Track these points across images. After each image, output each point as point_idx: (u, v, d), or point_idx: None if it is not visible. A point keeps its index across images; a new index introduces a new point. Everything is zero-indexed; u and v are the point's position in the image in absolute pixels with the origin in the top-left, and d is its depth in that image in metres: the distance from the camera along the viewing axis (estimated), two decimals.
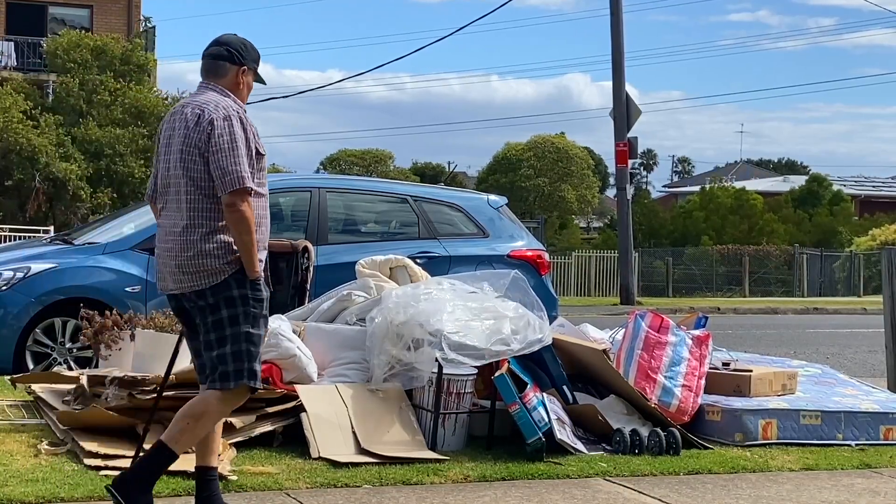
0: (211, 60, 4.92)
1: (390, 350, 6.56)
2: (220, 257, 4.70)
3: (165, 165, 4.85)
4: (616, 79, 25.18)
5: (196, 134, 4.71)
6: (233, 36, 5.01)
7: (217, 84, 4.89)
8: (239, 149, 4.69)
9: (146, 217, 9.70)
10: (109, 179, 30.13)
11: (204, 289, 4.70)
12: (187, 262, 4.71)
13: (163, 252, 4.83)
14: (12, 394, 7.25)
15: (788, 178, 65.48)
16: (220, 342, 4.72)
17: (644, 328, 7.24)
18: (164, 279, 4.87)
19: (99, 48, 31.66)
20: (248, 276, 4.72)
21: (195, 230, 4.71)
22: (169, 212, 4.83)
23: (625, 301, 24.96)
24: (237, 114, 4.78)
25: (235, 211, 4.64)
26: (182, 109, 4.84)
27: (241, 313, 4.72)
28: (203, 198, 4.72)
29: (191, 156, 4.72)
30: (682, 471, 6.34)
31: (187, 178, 4.73)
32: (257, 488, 5.48)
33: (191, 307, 4.79)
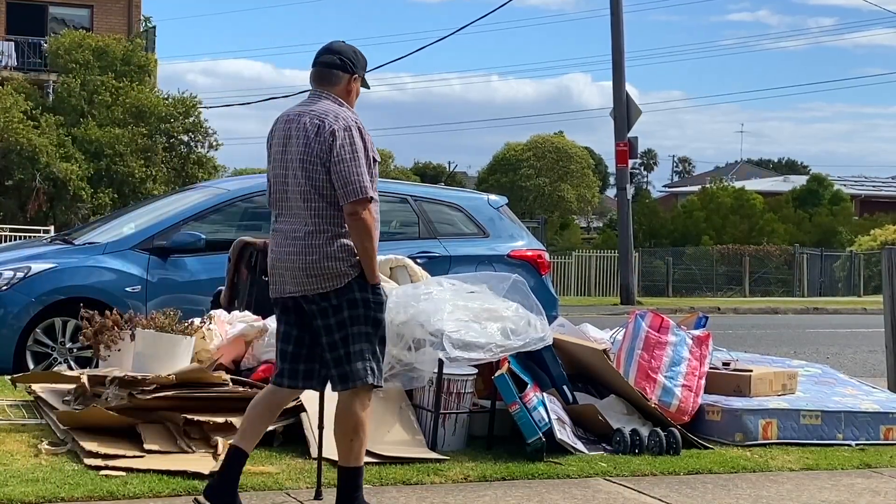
0: (324, 69, 5.04)
1: (390, 350, 6.55)
2: (344, 261, 4.86)
3: (282, 172, 4.96)
4: (616, 79, 25.18)
5: (317, 144, 4.84)
6: (343, 44, 5.12)
7: (329, 92, 5.01)
8: (360, 159, 4.83)
9: (146, 217, 9.72)
10: (110, 179, 30.14)
11: (328, 291, 4.84)
12: (312, 265, 4.84)
13: (283, 256, 4.93)
14: (12, 393, 7.25)
15: (789, 177, 65.51)
16: (343, 342, 4.88)
17: (644, 328, 7.24)
18: (281, 282, 4.96)
19: (100, 48, 31.67)
20: (369, 281, 4.89)
21: (319, 235, 4.85)
22: (288, 217, 4.94)
23: (625, 301, 24.96)
24: (356, 124, 4.91)
25: (357, 219, 4.82)
26: (299, 118, 4.93)
27: (363, 315, 4.88)
28: (326, 205, 4.86)
29: (312, 165, 4.84)
30: (683, 471, 6.34)
31: (310, 186, 4.85)
32: (257, 488, 5.48)
33: (312, 309, 4.90)
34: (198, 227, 9.30)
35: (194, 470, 5.54)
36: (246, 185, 10.29)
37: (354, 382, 4.88)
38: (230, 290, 8.37)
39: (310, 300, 4.88)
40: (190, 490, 5.35)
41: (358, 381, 4.88)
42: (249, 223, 9.82)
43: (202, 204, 9.60)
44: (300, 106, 5.03)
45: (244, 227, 9.66)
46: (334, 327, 4.87)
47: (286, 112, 5.05)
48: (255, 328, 6.93)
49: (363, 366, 4.88)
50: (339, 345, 4.87)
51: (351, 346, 4.87)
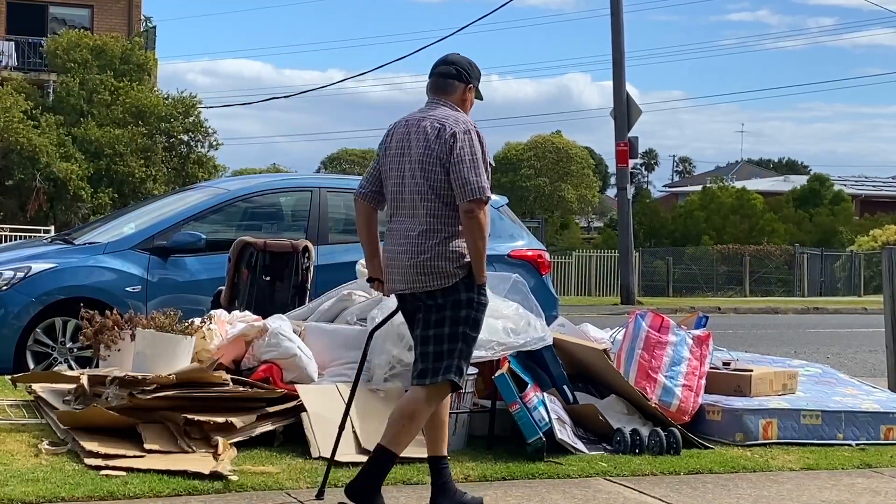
0: (441, 79, 5.27)
1: (391, 350, 6.56)
2: (454, 261, 5.04)
3: (399, 174, 5.16)
4: (616, 78, 25.17)
5: (437, 146, 5.04)
6: (458, 55, 5.35)
7: (447, 101, 5.23)
8: (478, 160, 5.04)
9: (146, 217, 9.71)
10: (110, 179, 30.15)
11: (435, 290, 5.01)
12: (423, 263, 5.03)
13: (396, 254, 5.14)
14: (13, 393, 7.25)
15: (789, 177, 65.50)
16: (437, 339, 5.02)
17: (644, 328, 7.24)
18: (393, 280, 5.17)
19: (99, 48, 31.67)
20: (476, 281, 5.07)
21: (433, 235, 5.05)
22: (403, 217, 5.16)
23: (625, 301, 24.95)
24: (474, 128, 5.12)
25: (473, 218, 5.01)
26: (419, 122, 5.15)
27: (465, 316, 5.05)
28: (442, 205, 5.05)
29: (432, 166, 5.04)
30: (683, 470, 6.34)
31: (428, 186, 5.05)
32: (258, 488, 5.48)
33: (418, 305, 5.09)
34: (198, 227, 9.30)
35: (195, 470, 5.54)
36: (246, 185, 10.30)
37: (434, 378, 5.02)
38: (230, 290, 8.37)
39: (416, 296, 5.07)
40: (190, 490, 5.35)
41: (438, 378, 5.02)
42: (249, 223, 9.83)
43: (202, 204, 9.60)
44: (419, 112, 5.25)
45: (244, 227, 9.67)
46: (433, 323, 5.04)
47: (404, 117, 5.27)
48: (255, 328, 6.93)
49: (450, 364, 5.03)
50: (432, 340, 5.03)
51: (444, 345, 5.02)
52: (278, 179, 12.56)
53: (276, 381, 6.59)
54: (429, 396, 5.07)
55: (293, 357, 6.71)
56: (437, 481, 5.22)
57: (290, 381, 6.65)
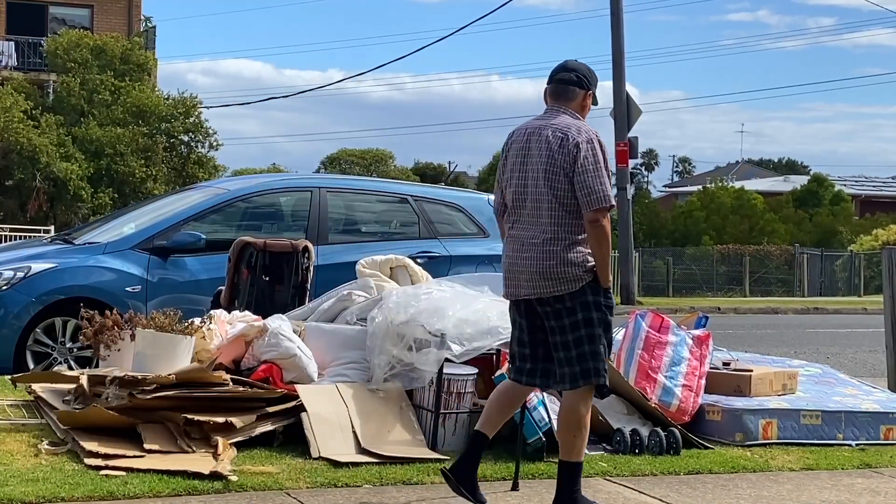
0: (562, 85, 5.34)
1: (391, 350, 6.56)
2: (580, 266, 5.13)
3: (521, 182, 5.25)
4: (616, 79, 25.17)
5: (561, 156, 5.12)
6: (577, 62, 5.44)
7: (567, 107, 5.30)
8: (601, 169, 5.12)
9: (146, 217, 9.71)
10: (110, 179, 30.15)
11: (563, 294, 5.12)
12: (549, 269, 5.13)
13: (519, 261, 5.24)
14: (12, 393, 7.24)
15: (789, 177, 65.48)
16: (576, 343, 5.15)
17: (644, 328, 7.24)
18: (516, 286, 5.27)
19: (99, 48, 31.67)
20: (601, 285, 5.15)
21: (558, 242, 5.13)
22: (525, 225, 5.24)
23: (625, 301, 24.94)
24: (596, 137, 5.21)
25: (598, 226, 5.09)
26: (540, 131, 5.23)
27: (595, 318, 5.16)
28: (566, 213, 5.14)
29: (556, 175, 5.13)
30: (683, 471, 6.34)
31: (552, 195, 5.14)
32: (258, 488, 5.48)
33: (546, 311, 5.19)
34: (198, 227, 9.30)
35: (195, 470, 5.54)
36: (246, 185, 10.30)
37: (583, 382, 5.16)
38: (230, 290, 8.37)
39: (544, 302, 5.18)
40: (190, 490, 5.35)
41: (586, 380, 5.16)
42: (249, 223, 9.84)
43: (202, 204, 9.60)
44: (539, 120, 5.32)
45: (244, 227, 9.67)
46: (567, 328, 5.15)
47: (524, 126, 5.35)
48: (255, 328, 6.93)
49: (592, 366, 5.15)
50: (572, 345, 5.15)
51: (583, 347, 5.15)
52: (278, 179, 12.55)
53: (275, 381, 6.59)
54: (583, 399, 5.21)
55: (293, 357, 6.71)
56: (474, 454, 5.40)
57: (290, 381, 6.65)
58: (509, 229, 5.34)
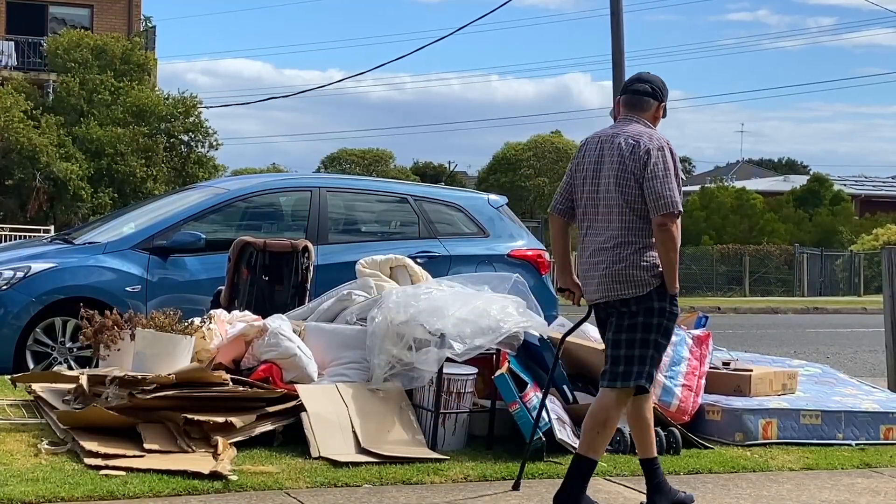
0: (637, 96, 5.49)
1: (391, 350, 6.56)
2: (648, 270, 5.24)
3: (593, 188, 5.38)
4: (616, 79, 25.13)
5: (632, 162, 5.25)
6: (651, 74, 5.60)
7: (640, 117, 5.44)
8: (671, 176, 5.23)
9: (146, 216, 9.71)
10: (110, 179, 30.15)
11: (629, 298, 5.24)
12: (618, 273, 5.25)
13: (591, 265, 5.38)
14: (12, 393, 7.25)
15: (789, 177, 65.48)
16: (629, 344, 5.25)
17: None
18: (588, 290, 5.43)
19: (99, 48, 31.67)
20: (668, 291, 5.25)
21: (628, 246, 5.25)
22: (596, 229, 5.38)
23: None
24: (668, 144, 5.32)
25: (666, 231, 5.19)
26: (612, 139, 5.35)
27: (656, 324, 5.25)
28: (636, 218, 5.26)
29: (626, 181, 5.25)
30: (683, 470, 6.34)
31: (623, 200, 5.26)
32: (257, 488, 5.48)
33: (610, 312, 5.33)
34: (198, 227, 9.30)
35: (194, 470, 5.54)
36: (246, 185, 10.30)
37: (625, 382, 5.24)
38: (230, 289, 8.37)
39: (612, 305, 5.31)
40: (190, 490, 5.35)
41: (628, 382, 5.24)
42: (249, 223, 9.84)
43: (202, 204, 9.60)
44: (612, 129, 5.46)
45: (244, 227, 9.67)
46: (625, 328, 5.26)
47: (597, 133, 5.48)
48: (255, 328, 6.93)
49: (640, 370, 5.24)
50: (623, 345, 5.25)
51: (636, 350, 5.24)
52: (278, 179, 12.55)
53: (275, 380, 6.59)
54: (618, 400, 5.28)
55: (293, 357, 6.72)
56: (652, 481, 5.45)
57: (290, 380, 6.65)
58: (582, 235, 5.47)
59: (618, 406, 5.29)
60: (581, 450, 5.30)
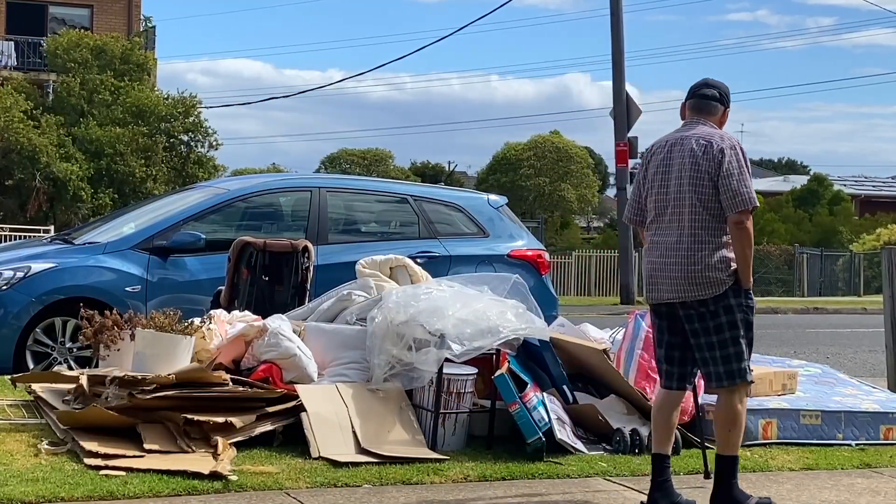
0: (705, 101, 5.61)
1: (391, 350, 6.56)
2: (723, 270, 5.34)
3: (663, 190, 5.48)
4: (616, 78, 25.18)
5: (706, 161, 5.37)
6: (716, 80, 5.71)
7: (707, 120, 5.56)
8: (745, 173, 5.37)
9: (146, 217, 9.71)
10: (110, 179, 30.15)
11: (706, 298, 5.34)
12: (695, 273, 5.34)
13: (662, 265, 5.45)
14: (12, 393, 7.25)
15: (789, 177, 65.46)
16: (721, 344, 5.39)
17: (644, 328, 7.23)
18: (658, 290, 5.50)
19: (99, 48, 31.67)
20: (742, 286, 5.36)
21: (703, 246, 5.35)
22: (667, 230, 5.45)
23: (625, 301, 24.95)
24: (738, 144, 5.46)
25: (742, 228, 5.31)
26: (682, 142, 5.46)
27: (739, 319, 5.39)
28: (710, 218, 5.36)
29: (701, 181, 5.36)
30: (683, 470, 6.33)
31: (697, 200, 5.36)
32: (257, 488, 5.48)
33: (690, 314, 5.42)
34: (198, 227, 9.30)
35: (194, 470, 5.54)
36: (246, 185, 10.30)
37: (735, 380, 5.41)
38: (230, 289, 8.37)
39: (688, 306, 5.40)
40: (190, 490, 5.35)
41: (739, 379, 5.41)
42: (249, 223, 9.84)
43: (202, 204, 9.60)
44: (679, 132, 5.57)
45: (244, 227, 9.67)
46: (712, 330, 5.38)
47: (664, 137, 5.61)
48: (255, 328, 6.93)
49: (737, 367, 5.40)
50: (716, 346, 5.39)
51: (727, 349, 5.39)
52: (278, 179, 12.56)
53: (275, 381, 6.59)
54: (737, 395, 5.45)
55: (293, 357, 6.72)
56: (657, 479, 5.53)
57: (290, 381, 6.65)
58: (651, 236, 5.55)
59: (739, 400, 5.46)
60: (720, 451, 5.50)
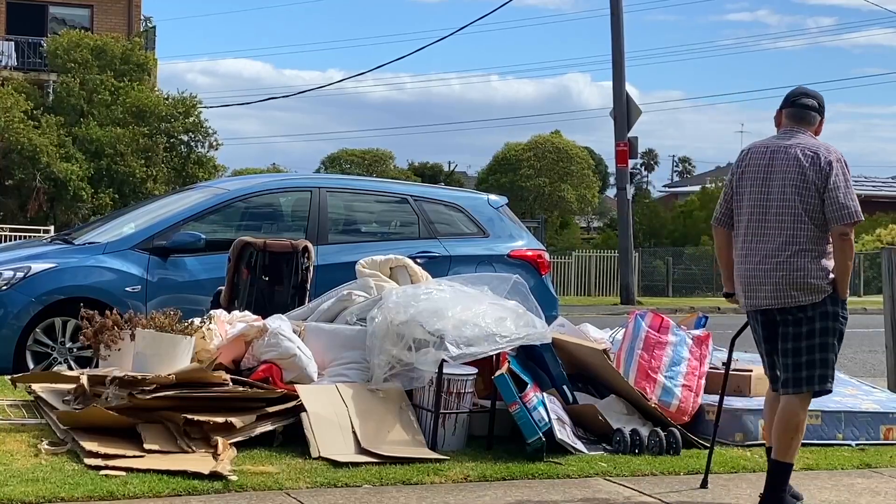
0: (804, 110, 5.69)
1: (391, 350, 6.56)
2: (823, 278, 5.45)
3: (763, 197, 5.55)
4: (616, 79, 25.19)
5: (813, 173, 5.45)
6: (813, 90, 5.81)
7: (806, 130, 5.63)
8: (850, 187, 5.47)
9: (146, 217, 9.71)
10: (110, 179, 30.14)
11: (806, 304, 5.45)
12: (797, 280, 5.45)
13: (762, 272, 5.53)
14: (12, 393, 7.25)
15: None
16: (808, 350, 5.48)
17: (644, 328, 7.24)
18: (757, 297, 5.58)
19: (99, 48, 31.67)
20: (840, 296, 5.48)
21: (806, 254, 5.45)
22: (768, 237, 5.53)
23: (625, 301, 24.97)
24: (843, 157, 5.53)
25: (846, 240, 5.43)
26: (785, 150, 5.53)
27: (832, 328, 5.49)
28: (814, 227, 5.46)
29: (808, 192, 5.45)
30: (683, 471, 6.34)
31: (802, 209, 5.46)
32: (257, 488, 5.48)
33: (785, 319, 5.52)
34: (198, 227, 9.30)
35: (194, 470, 5.54)
36: (246, 185, 10.31)
37: (808, 387, 5.51)
38: (230, 290, 8.37)
39: (786, 311, 5.50)
40: (190, 490, 5.35)
41: (811, 386, 5.50)
42: (249, 223, 9.84)
43: (202, 204, 9.60)
44: (779, 139, 5.63)
45: (244, 227, 9.67)
46: (803, 336, 5.48)
47: (762, 143, 5.67)
48: (255, 328, 6.93)
49: (819, 373, 5.49)
50: (803, 352, 5.48)
51: (814, 355, 5.47)
52: (278, 179, 12.56)
53: (275, 381, 6.59)
54: (802, 404, 5.54)
55: (293, 357, 6.72)
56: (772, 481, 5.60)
57: (290, 381, 6.65)
58: (746, 242, 5.60)
59: (803, 409, 5.54)
60: (777, 456, 5.52)
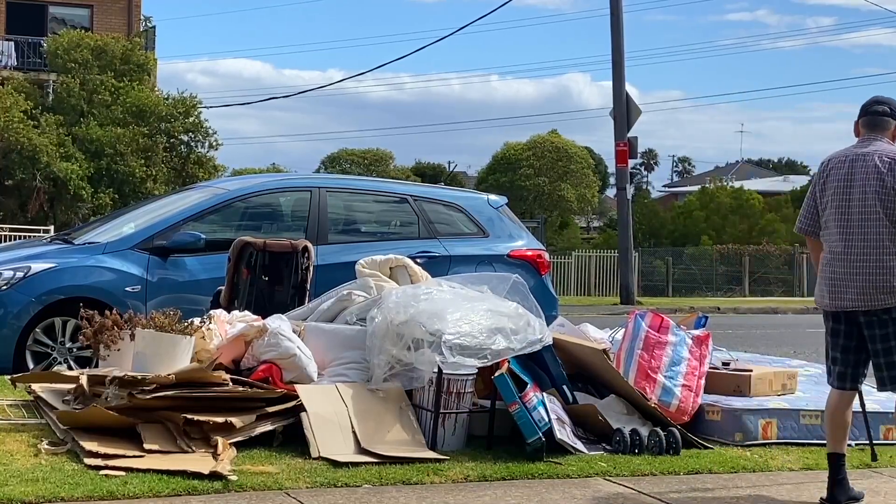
0: (878, 117, 5.90)
1: (390, 350, 6.56)
2: None
3: (845, 203, 5.76)
4: (616, 79, 25.19)
5: (891, 178, 5.67)
6: (886, 97, 5.99)
7: (882, 136, 5.86)
8: None
9: (146, 217, 9.71)
10: (110, 179, 30.15)
11: (891, 306, 5.67)
12: (883, 283, 5.65)
13: (849, 275, 5.72)
14: (12, 393, 7.25)
15: (789, 177, 65.53)
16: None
17: (644, 328, 7.24)
18: (843, 298, 5.75)
19: (99, 48, 31.68)
20: None
21: (891, 257, 5.66)
22: (853, 242, 5.73)
23: (625, 301, 24.97)
24: None
25: None
26: (864, 158, 5.75)
27: None
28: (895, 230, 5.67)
29: (888, 196, 5.67)
30: (683, 470, 6.34)
31: (884, 214, 5.67)
32: (257, 488, 5.48)
33: (871, 320, 5.71)
34: (197, 227, 9.30)
35: (194, 470, 5.54)
36: (246, 185, 10.31)
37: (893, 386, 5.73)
38: (230, 289, 8.37)
39: (871, 313, 5.70)
40: (190, 490, 5.35)
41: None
42: (249, 223, 9.84)
43: (202, 204, 9.60)
44: (858, 148, 5.85)
45: (244, 227, 9.67)
46: (891, 336, 5.70)
47: (842, 153, 5.88)
48: (255, 328, 6.93)
49: None
50: (893, 351, 5.70)
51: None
52: (278, 179, 12.56)
53: (275, 381, 6.59)
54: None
55: (293, 357, 6.72)
56: (836, 477, 5.81)
57: (290, 381, 6.65)
58: (832, 246, 5.80)
59: None
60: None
